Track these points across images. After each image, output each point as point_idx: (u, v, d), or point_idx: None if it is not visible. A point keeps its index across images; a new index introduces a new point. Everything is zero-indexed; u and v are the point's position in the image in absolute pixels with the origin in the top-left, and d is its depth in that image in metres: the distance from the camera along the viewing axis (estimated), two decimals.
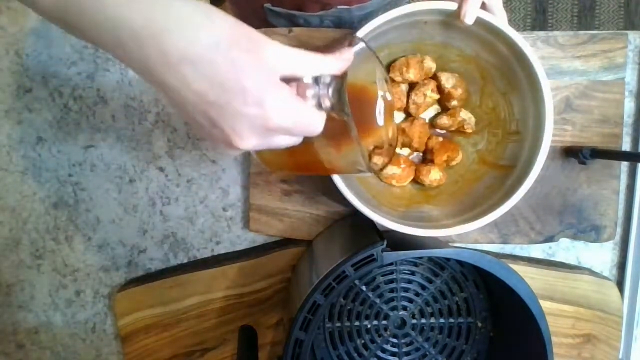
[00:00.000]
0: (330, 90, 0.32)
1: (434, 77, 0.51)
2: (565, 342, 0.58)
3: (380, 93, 0.39)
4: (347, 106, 0.32)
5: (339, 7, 0.59)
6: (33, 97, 0.56)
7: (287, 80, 0.31)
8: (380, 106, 0.39)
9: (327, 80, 0.32)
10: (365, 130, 0.40)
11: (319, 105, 0.33)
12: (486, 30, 0.44)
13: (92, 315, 0.60)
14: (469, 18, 0.42)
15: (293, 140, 0.33)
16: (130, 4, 0.27)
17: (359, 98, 0.39)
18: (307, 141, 0.34)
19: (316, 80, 0.32)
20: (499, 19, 0.43)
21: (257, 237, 0.59)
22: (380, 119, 0.39)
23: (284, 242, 0.58)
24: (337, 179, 0.44)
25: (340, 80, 0.33)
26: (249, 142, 0.31)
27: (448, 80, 0.50)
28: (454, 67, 0.51)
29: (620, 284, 0.58)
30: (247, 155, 0.56)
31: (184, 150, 0.57)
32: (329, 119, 0.32)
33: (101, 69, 0.56)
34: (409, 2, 0.48)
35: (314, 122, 0.32)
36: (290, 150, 0.34)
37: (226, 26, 0.29)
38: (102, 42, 0.29)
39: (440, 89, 0.51)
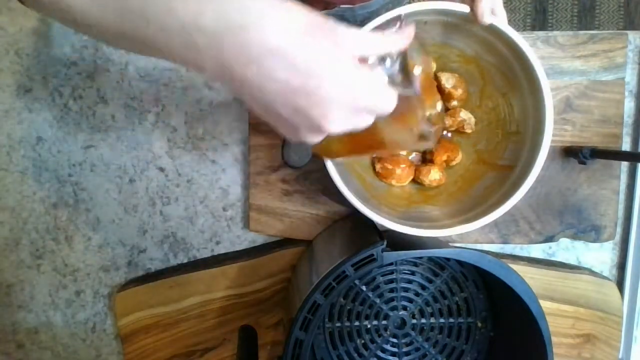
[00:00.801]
0: (397, 67, 0.34)
1: (434, 77, 0.51)
2: (565, 342, 0.58)
3: (419, 65, 0.39)
4: (414, 80, 0.34)
5: (342, 6, 0.59)
6: (33, 97, 0.56)
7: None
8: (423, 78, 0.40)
9: (394, 58, 0.34)
10: (415, 100, 0.40)
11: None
12: (486, 30, 0.44)
13: (92, 315, 0.60)
14: (487, 17, 0.41)
15: (371, 120, 0.33)
16: (200, 5, 0.28)
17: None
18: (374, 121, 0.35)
19: (381, 59, 0.34)
20: (499, 19, 0.43)
21: (257, 237, 0.59)
22: (424, 90, 0.40)
23: (284, 242, 0.58)
24: (337, 178, 0.44)
25: (403, 57, 0.34)
26: (338, 124, 0.31)
27: (448, 81, 0.50)
28: (454, 67, 0.51)
29: (620, 284, 0.58)
30: (247, 155, 0.56)
31: (184, 150, 0.57)
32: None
33: (101, 69, 0.56)
34: (409, 2, 0.48)
35: (392, 99, 0.32)
36: (353, 133, 0.35)
37: (301, 14, 0.29)
38: (170, 48, 0.29)
39: (440, 89, 0.51)
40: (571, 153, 0.54)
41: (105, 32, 0.31)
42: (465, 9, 0.42)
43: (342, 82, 0.30)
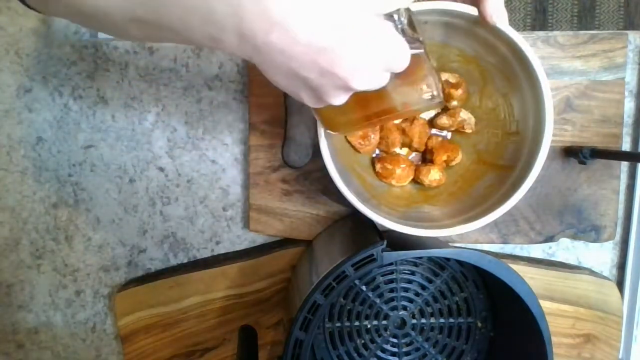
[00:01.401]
0: (405, 22, 0.34)
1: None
2: (565, 342, 0.58)
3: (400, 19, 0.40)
4: (421, 35, 0.34)
5: None
6: (33, 97, 0.56)
7: None
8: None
9: (402, 14, 0.34)
10: (422, 56, 0.40)
11: None
12: (487, 30, 0.44)
13: (92, 315, 0.60)
14: (496, 18, 0.40)
15: (388, 77, 0.33)
16: None
17: None
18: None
19: (389, 15, 0.34)
20: (501, 19, 0.43)
21: (257, 237, 0.59)
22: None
23: (284, 242, 0.58)
24: (337, 178, 0.44)
25: (409, 13, 0.34)
26: (365, 80, 0.31)
27: (448, 81, 0.50)
28: (454, 67, 0.51)
29: (620, 284, 0.58)
30: (247, 155, 0.56)
31: (184, 150, 0.57)
32: None
33: (101, 69, 0.56)
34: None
35: (408, 54, 0.33)
36: (362, 101, 0.35)
37: None
38: (186, 25, 0.29)
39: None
40: (571, 153, 0.54)
41: (117, 21, 0.31)
42: (471, 10, 0.42)
43: (366, 37, 0.30)
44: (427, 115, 0.54)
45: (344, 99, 0.33)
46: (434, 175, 0.51)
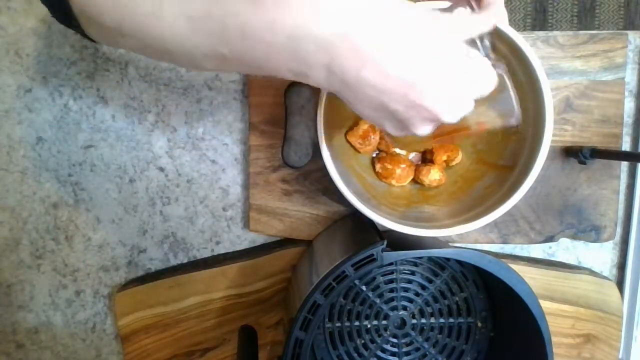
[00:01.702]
0: (489, 45, 0.34)
1: None
2: (565, 342, 0.58)
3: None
4: (501, 58, 0.34)
5: None
6: (33, 97, 0.56)
7: None
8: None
9: (487, 37, 0.34)
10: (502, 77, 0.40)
11: None
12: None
13: (92, 315, 0.60)
14: (497, 18, 0.39)
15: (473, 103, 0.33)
16: (302, 13, 0.28)
17: None
18: None
19: (472, 40, 0.34)
20: (501, 19, 0.43)
21: (257, 237, 0.59)
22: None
23: (284, 242, 0.58)
24: (337, 178, 0.44)
25: (491, 35, 0.34)
26: (455, 112, 0.31)
27: None
28: None
29: (620, 284, 0.58)
30: (247, 155, 0.56)
31: (184, 150, 0.57)
32: None
33: (101, 69, 0.56)
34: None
35: (495, 80, 0.33)
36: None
37: (400, 9, 0.29)
38: (271, 61, 0.29)
39: None
40: (571, 153, 0.54)
41: (197, 56, 0.31)
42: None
43: (455, 69, 0.30)
44: None
45: (430, 129, 0.33)
46: (434, 175, 0.51)
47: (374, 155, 0.54)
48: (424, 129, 0.33)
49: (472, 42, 0.33)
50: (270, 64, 0.30)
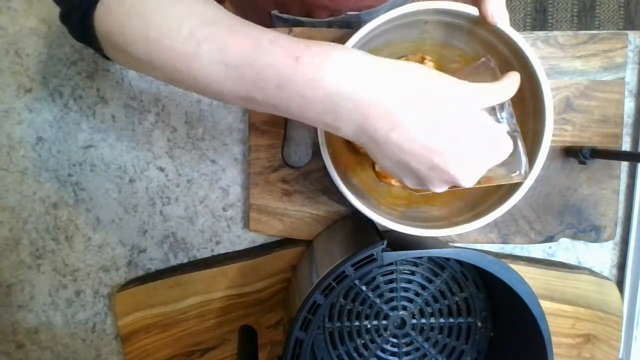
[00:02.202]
0: (507, 114, 0.37)
1: None
2: (565, 342, 0.58)
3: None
4: (517, 125, 0.37)
5: (348, 13, 0.59)
6: (33, 97, 0.56)
7: None
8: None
9: (507, 106, 0.36)
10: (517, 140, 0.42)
11: None
12: (487, 30, 0.44)
13: (92, 315, 0.60)
14: (497, 18, 0.40)
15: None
16: (354, 79, 0.30)
17: None
18: None
19: (491, 108, 0.36)
20: (502, 19, 0.43)
21: (257, 237, 0.59)
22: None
23: (284, 242, 0.58)
24: (337, 178, 0.44)
25: (509, 103, 0.36)
26: (473, 178, 0.34)
27: None
28: (455, 67, 0.51)
29: (620, 284, 0.58)
30: (247, 155, 0.56)
31: (184, 150, 0.57)
32: None
33: (101, 69, 0.56)
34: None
35: (511, 146, 0.35)
36: None
37: (429, 77, 0.31)
38: (304, 113, 0.31)
39: None
40: (571, 153, 0.54)
41: (227, 96, 0.32)
42: (472, 10, 0.42)
43: (478, 140, 0.32)
44: None
45: (446, 188, 0.35)
46: None
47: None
48: (442, 188, 0.35)
49: (491, 110, 0.36)
50: (303, 114, 0.32)
